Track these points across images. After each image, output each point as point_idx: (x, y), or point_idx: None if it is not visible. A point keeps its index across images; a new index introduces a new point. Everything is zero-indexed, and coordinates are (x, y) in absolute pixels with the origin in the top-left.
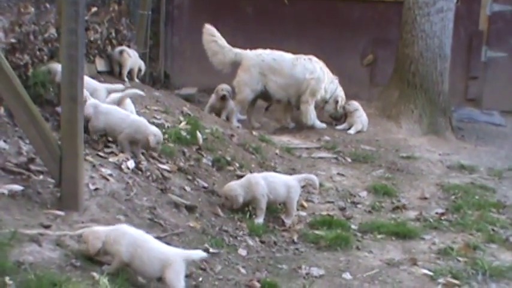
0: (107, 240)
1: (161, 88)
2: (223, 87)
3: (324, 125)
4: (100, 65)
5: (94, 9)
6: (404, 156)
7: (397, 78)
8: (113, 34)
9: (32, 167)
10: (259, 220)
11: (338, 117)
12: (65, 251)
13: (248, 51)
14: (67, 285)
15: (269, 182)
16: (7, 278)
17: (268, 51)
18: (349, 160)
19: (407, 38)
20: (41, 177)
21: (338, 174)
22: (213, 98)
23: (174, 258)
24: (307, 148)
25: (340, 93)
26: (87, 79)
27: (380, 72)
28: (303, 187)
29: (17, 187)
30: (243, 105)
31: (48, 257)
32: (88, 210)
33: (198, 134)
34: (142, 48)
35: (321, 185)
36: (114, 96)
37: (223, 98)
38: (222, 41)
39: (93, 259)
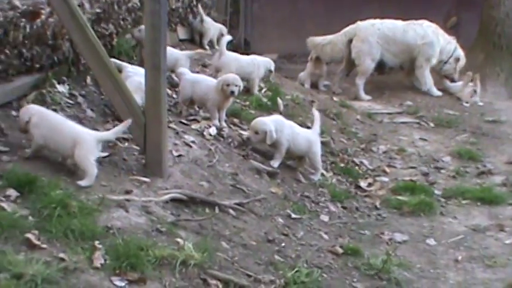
0: (31, 120)
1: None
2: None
3: (440, 93)
4: (181, 33)
5: None
6: (490, 120)
7: (482, 40)
8: (194, 2)
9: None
10: (276, 164)
11: (455, 78)
12: (150, 216)
13: (359, 22)
14: (153, 250)
15: (294, 133)
16: (97, 242)
17: (379, 20)
18: (432, 125)
19: None
20: (126, 144)
21: (420, 139)
22: (309, 66)
23: (85, 137)
24: (388, 113)
25: (462, 53)
26: (168, 48)
27: (464, 35)
28: (384, 152)
29: (104, 154)
30: (366, 76)
31: (135, 222)
32: (172, 177)
33: (279, 101)
34: (223, 15)
35: (403, 150)
36: None
37: (318, 59)
38: (327, 38)
39: (177, 225)
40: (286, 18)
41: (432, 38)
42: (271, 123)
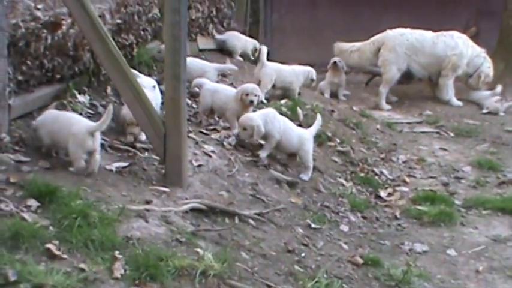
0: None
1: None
2: (334, 58)
3: (460, 103)
4: (202, 43)
5: None
6: (510, 129)
7: (502, 50)
8: (214, 12)
9: (138, 144)
10: (264, 154)
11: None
12: (170, 226)
13: (388, 31)
14: (173, 260)
15: (286, 128)
16: (116, 252)
17: (409, 30)
18: (452, 134)
19: None
20: (146, 154)
21: (441, 149)
22: (328, 75)
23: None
24: (408, 123)
25: (486, 69)
26: (196, 61)
27: (484, 45)
28: (404, 162)
29: (124, 164)
30: (390, 85)
31: (155, 232)
32: (192, 187)
33: (299, 110)
34: (243, 25)
35: (423, 160)
36: None
37: (335, 65)
38: (356, 45)
39: (196, 235)
40: (305, 28)
41: (462, 49)
42: (260, 118)
